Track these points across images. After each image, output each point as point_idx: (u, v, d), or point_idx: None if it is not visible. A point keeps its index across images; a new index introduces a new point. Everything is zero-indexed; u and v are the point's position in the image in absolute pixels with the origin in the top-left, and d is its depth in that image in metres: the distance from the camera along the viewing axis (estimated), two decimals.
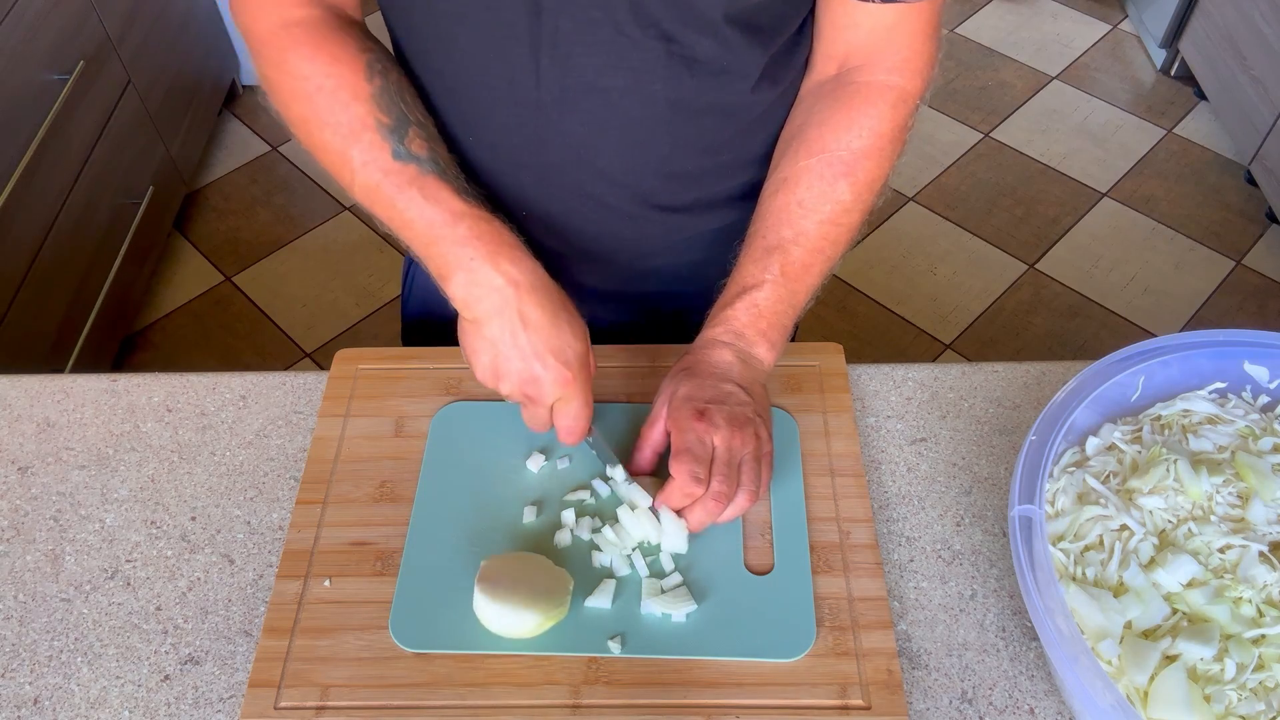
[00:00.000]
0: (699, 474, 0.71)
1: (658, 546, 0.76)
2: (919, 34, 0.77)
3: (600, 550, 0.76)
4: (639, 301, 0.97)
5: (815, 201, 0.78)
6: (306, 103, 0.75)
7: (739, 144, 0.85)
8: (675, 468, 0.72)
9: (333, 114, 0.74)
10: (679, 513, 0.74)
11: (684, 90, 0.77)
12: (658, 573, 0.75)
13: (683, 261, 0.93)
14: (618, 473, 0.78)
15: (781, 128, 0.87)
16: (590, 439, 0.80)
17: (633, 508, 0.76)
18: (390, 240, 2.31)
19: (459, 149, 0.87)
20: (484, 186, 0.89)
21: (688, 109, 0.79)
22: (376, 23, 0.83)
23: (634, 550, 0.76)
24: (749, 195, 0.89)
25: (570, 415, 0.75)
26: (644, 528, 0.75)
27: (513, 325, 0.73)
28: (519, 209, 0.88)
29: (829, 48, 0.80)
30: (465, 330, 0.76)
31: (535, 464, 0.81)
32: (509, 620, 0.69)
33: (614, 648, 0.71)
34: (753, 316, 0.78)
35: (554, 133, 0.80)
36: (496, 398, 0.86)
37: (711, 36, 0.74)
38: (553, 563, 0.73)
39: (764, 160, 0.88)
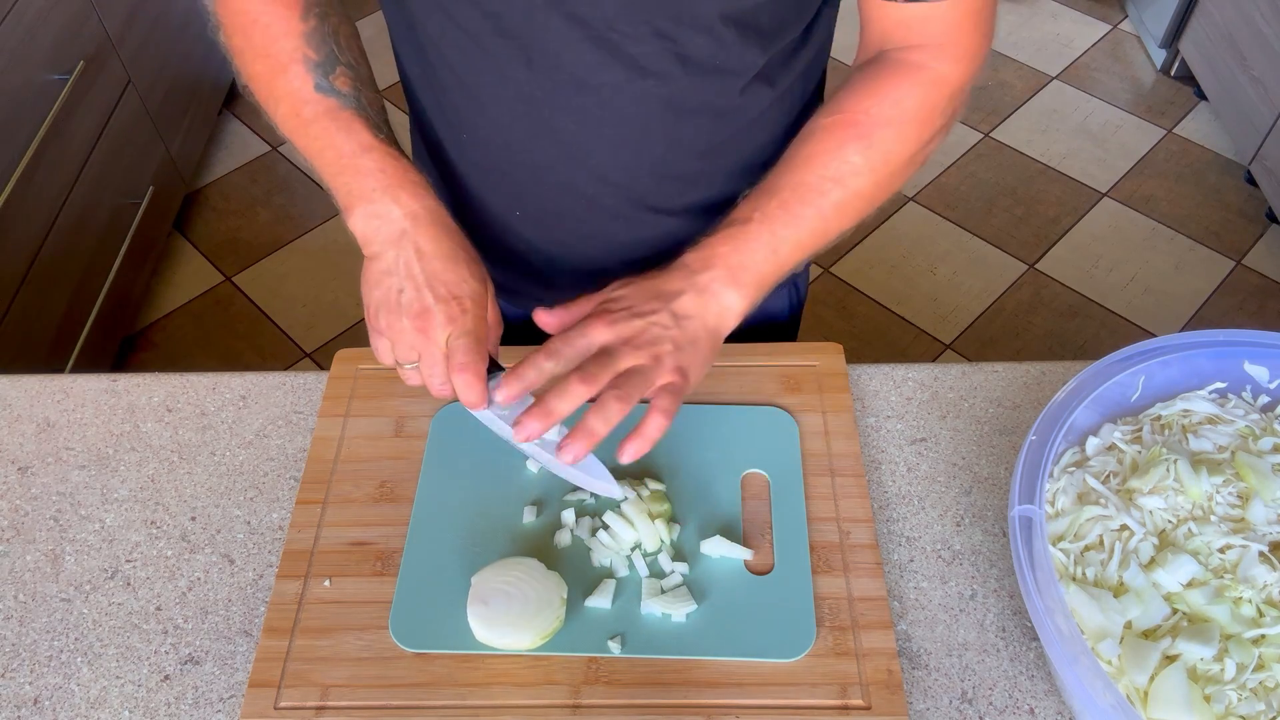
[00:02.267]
0: (557, 352, 0.67)
1: (658, 550, 0.76)
2: (960, 24, 0.75)
3: (595, 548, 0.76)
4: None
5: (822, 157, 0.74)
6: (243, 35, 0.77)
7: (736, 147, 0.84)
8: (545, 343, 0.68)
9: (265, 47, 0.75)
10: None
11: (678, 88, 0.77)
12: (657, 573, 0.75)
13: None
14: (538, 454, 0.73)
15: (784, 133, 0.87)
16: (494, 405, 0.72)
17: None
18: None
19: (453, 146, 0.87)
20: (478, 184, 0.89)
21: (682, 108, 0.78)
22: (379, 23, 0.83)
23: (632, 551, 0.76)
24: None
25: (460, 352, 0.69)
26: (633, 531, 0.75)
27: (408, 256, 0.71)
28: (512, 208, 0.88)
29: (870, 34, 0.78)
30: (364, 270, 0.73)
31: (535, 464, 0.81)
32: (506, 640, 0.69)
33: (614, 648, 0.71)
34: (729, 249, 0.72)
35: (545, 130, 0.79)
36: None
37: (706, 34, 0.73)
38: (545, 566, 0.72)
39: (764, 164, 0.88)
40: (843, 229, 0.76)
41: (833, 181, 0.74)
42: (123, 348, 2.18)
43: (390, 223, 0.72)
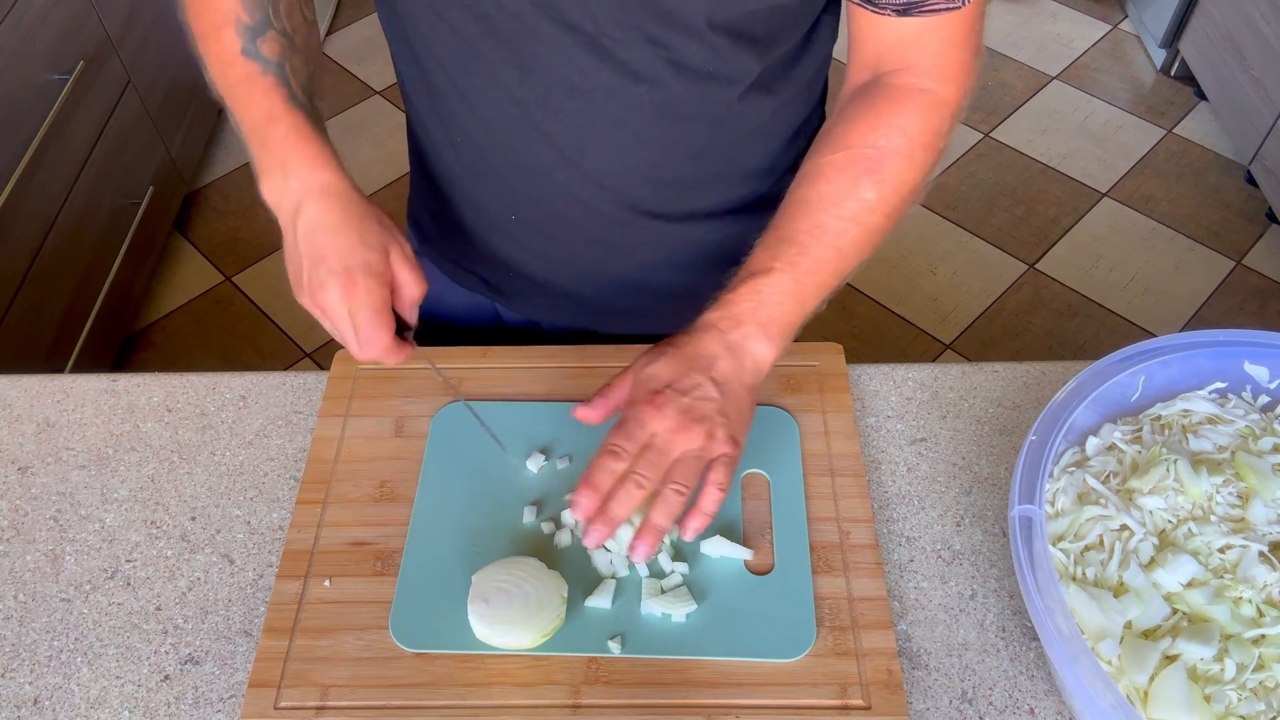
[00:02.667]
0: (622, 450, 0.67)
1: (657, 550, 0.76)
2: (951, 43, 0.74)
3: (599, 551, 0.76)
4: (634, 317, 0.95)
5: (836, 196, 0.74)
6: None
7: (734, 154, 0.84)
8: (606, 440, 0.68)
9: (206, 4, 0.76)
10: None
11: (670, 94, 0.76)
12: (657, 573, 0.75)
13: (677, 280, 0.91)
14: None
15: (785, 142, 0.86)
16: (429, 366, 0.77)
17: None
18: None
19: (448, 148, 0.87)
20: (474, 187, 0.88)
21: (675, 113, 0.78)
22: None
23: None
24: (747, 209, 0.88)
25: (361, 327, 0.71)
26: (631, 532, 0.75)
27: (300, 231, 0.72)
28: (508, 211, 0.88)
29: (861, 56, 0.78)
30: (283, 240, 0.75)
31: (535, 464, 0.81)
32: (506, 639, 0.69)
33: (614, 648, 0.71)
34: (754, 304, 0.72)
35: (539, 134, 0.79)
36: (501, 396, 0.86)
37: (697, 40, 0.73)
38: (545, 565, 0.73)
39: (764, 174, 0.87)
40: (860, 263, 0.76)
41: (849, 221, 0.73)
42: (123, 348, 2.18)
43: (287, 197, 0.73)
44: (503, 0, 0.71)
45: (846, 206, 0.73)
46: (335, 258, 0.71)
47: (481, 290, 0.98)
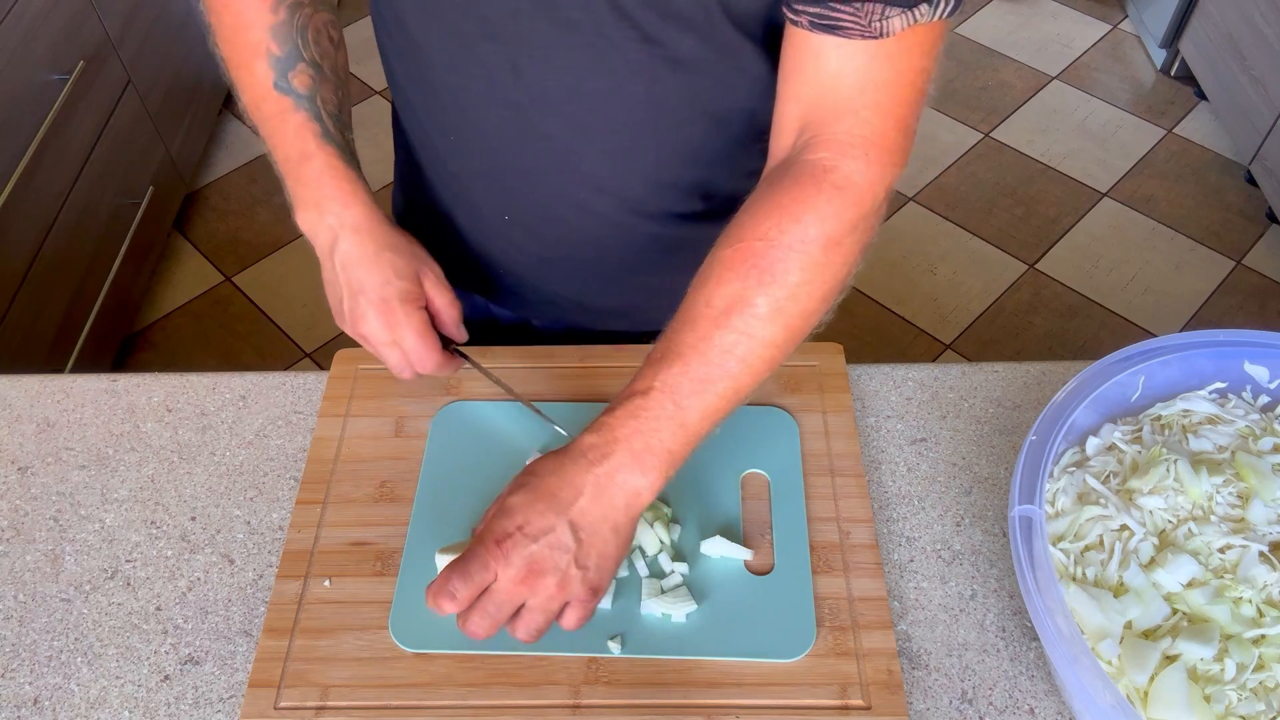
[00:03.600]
0: (456, 592, 0.64)
1: (657, 551, 0.76)
2: (880, 105, 0.66)
3: None
4: (626, 315, 0.95)
5: (724, 304, 0.65)
6: (217, 15, 0.78)
7: (735, 156, 0.83)
8: (446, 570, 0.64)
9: (234, 33, 0.77)
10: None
11: (667, 94, 0.76)
12: (657, 573, 0.75)
13: (672, 283, 0.88)
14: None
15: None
16: (467, 365, 0.83)
17: None
18: None
19: (442, 148, 0.86)
20: (468, 188, 0.88)
21: (673, 115, 0.77)
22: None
23: (631, 552, 0.76)
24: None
25: (409, 350, 0.77)
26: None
27: (341, 264, 0.76)
28: (502, 212, 0.87)
29: (786, 115, 0.70)
30: (322, 270, 0.79)
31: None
32: None
33: (614, 648, 0.71)
34: (629, 430, 0.65)
35: (535, 135, 0.79)
36: (499, 397, 0.86)
37: (695, 35, 0.72)
38: None
39: (757, 173, 0.85)
40: (756, 384, 0.68)
41: (738, 334, 0.65)
42: (123, 348, 2.18)
43: (323, 231, 0.76)
44: (500, 1, 0.71)
45: (733, 317, 0.65)
46: (372, 289, 0.75)
47: (472, 289, 0.98)
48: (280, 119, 0.77)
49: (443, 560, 0.72)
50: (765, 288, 0.65)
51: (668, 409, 0.65)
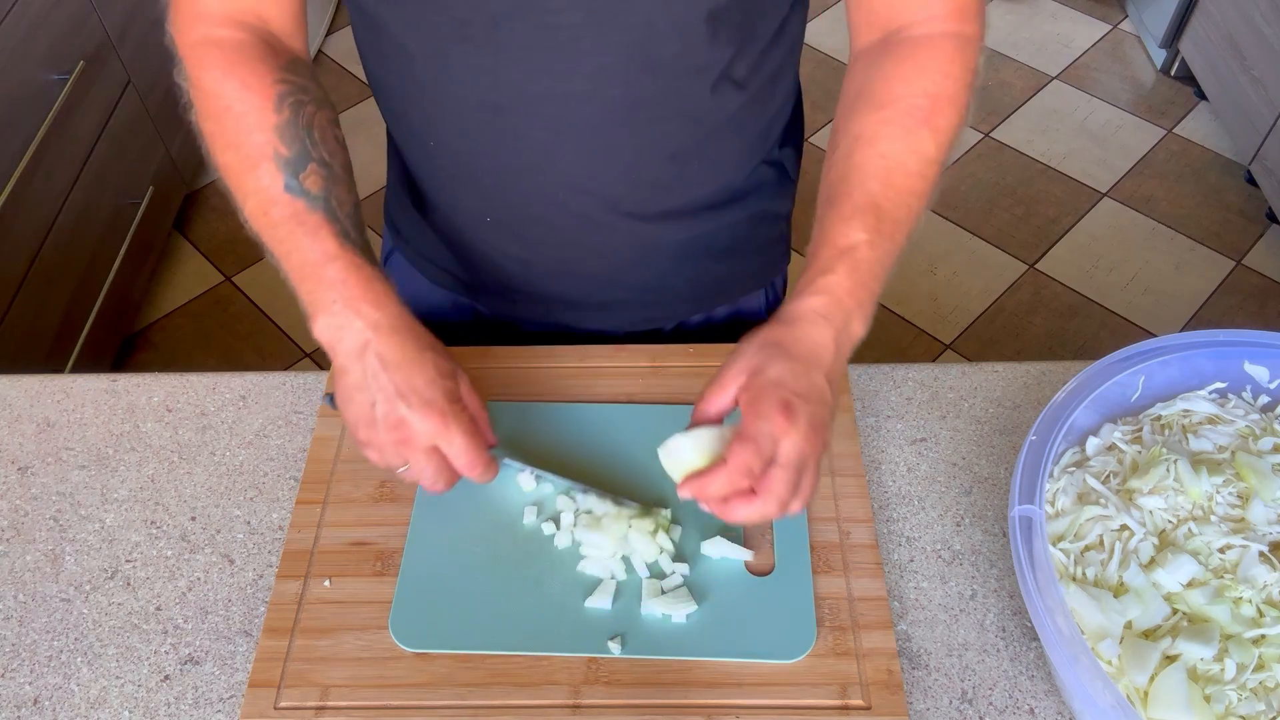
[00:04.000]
0: (753, 469, 0.64)
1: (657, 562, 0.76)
2: None
3: (590, 559, 0.76)
4: (607, 310, 0.96)
5: (900, 154, 0.72)
6: (215, 121, 0.75)
7: (707, 150, 0.83)
8: (735, 455, 0.64)
9: (237, 137, 0.74)
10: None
11: (645, 93, 0.76)
12: (658, 574, 0.75)
13: (651, 275, 0.91)
14: (589, 500, 0.78)
15: (756, 135, 0.86)
16: (512, 464, 0.78)
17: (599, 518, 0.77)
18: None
19: (421, 151, 0.86)
20: (447, 190, 0.88)
21: (650, 113, 0.78)
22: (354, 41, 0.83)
23: (616, 556, 0.75)
24: (720, 204, 0.88)
25: (456, 456, 0.70)
26: (608, 543, 0.76)
27: (373, 368, 0.70)
28: (483, 214, 0.87)
29: (867, 17, 0.77)
30: (336, 382, 0.72)
31: (528, 482, 0.80)
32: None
33: (614, 648, 0.71)
34: (853, 284, 0.70)
35: (513, 137, 0.79)
36: (502, 397, 0.86)
37: (678, 36, 0.72)
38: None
39: (738, 168, 0.87)
40: (924, 217, 0.75)
41: (917, 177, 0.73)
42: (123, 348, 2.18)
43: (352, 334, 0.71)
44: (480, 3, 0.71)
45: (912, 163, 0.72)
46: (422, 389, 0.70)
47: (457, 289, 0.98)
48: (296, 221, 0.73)
49: (672, 456, 0.69)
50: (930, 134, 0.73)
51: (876, 256, 0.71)
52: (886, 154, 0.72)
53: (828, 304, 0.69)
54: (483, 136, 0.80)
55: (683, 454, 0.69)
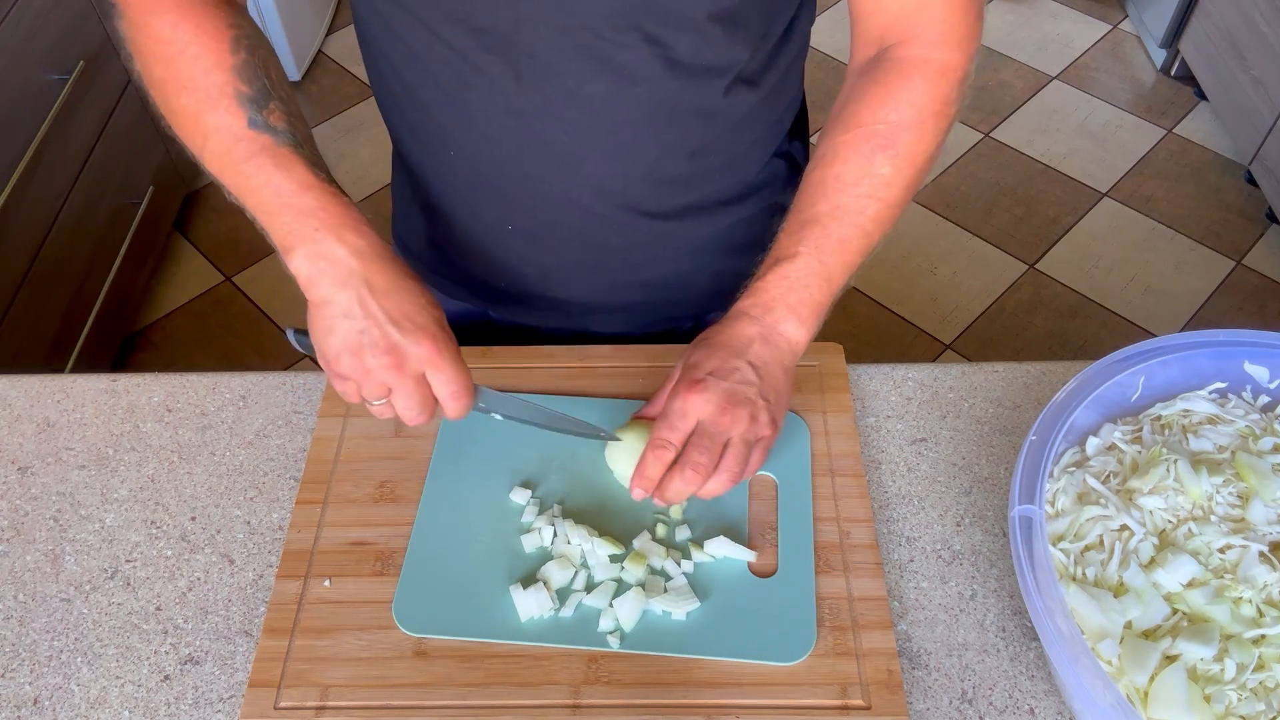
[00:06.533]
0: (669, 441, 0.71)
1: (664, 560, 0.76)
2: (951, 7, 0.75)
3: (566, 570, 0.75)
4: (627, 312, 0.96)
5: (853, 175, 0.75)
6: (167, 65, 0.72)
7: (724, 147, 0.84)
8: (654, 432, 0.71)
9: (193, 79, 0.71)
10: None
11: (667, 92, 0.76)
12: (659, 572, 0.75)
13: (670, 271, 0.92)
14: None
15: (768, 131, 0.87)
16: (482, 406, 0.75)
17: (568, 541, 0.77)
18: None
19: (439, 163, 0.86)
20: (467, 200, 0.88)
21: (671, 112, 0.78)
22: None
23: (581, 567, 0.75)
24: (737, 199, 0.89)
25: (446, 383, 0.69)
26: (578, 548, 0.76)
27: (360, 294, 0.68)
28: (504, 222, 0.87)
29: (864, 31, 0.78)
30: (312, 316, 0.70)
31: (521, 496, 0.80)
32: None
33: (613, 642, 0.71)
34: (783, 289, 0.75)
35: (537, 142, 0.79)
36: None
37: (693, 34, 0.73)
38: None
39: (751, 162, 0.87)
40: (882, 238, 0.78)
41: (868, 198, 0.75)
42: (123, 348, 2.18)
43: (336, 262, 0.69)
44: (500, 10, 0.71)
45: (864, 184, 0.75)
46: (406, 318, 0.69)
47: (473, 301, 0.98)
48: (265, 154, 0.70)
49: (618, 448, 0.75)
50: (889, 159, 0.75)
51: (814, 267, 0.75)
52: (841, 175, 0.76)
53: (753, 304, 0.75)
54: (505, 144, 0.80)
55: (619, 456, 0.76)
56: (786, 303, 0.75)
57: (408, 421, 0.71)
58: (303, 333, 0.73)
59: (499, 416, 0.77)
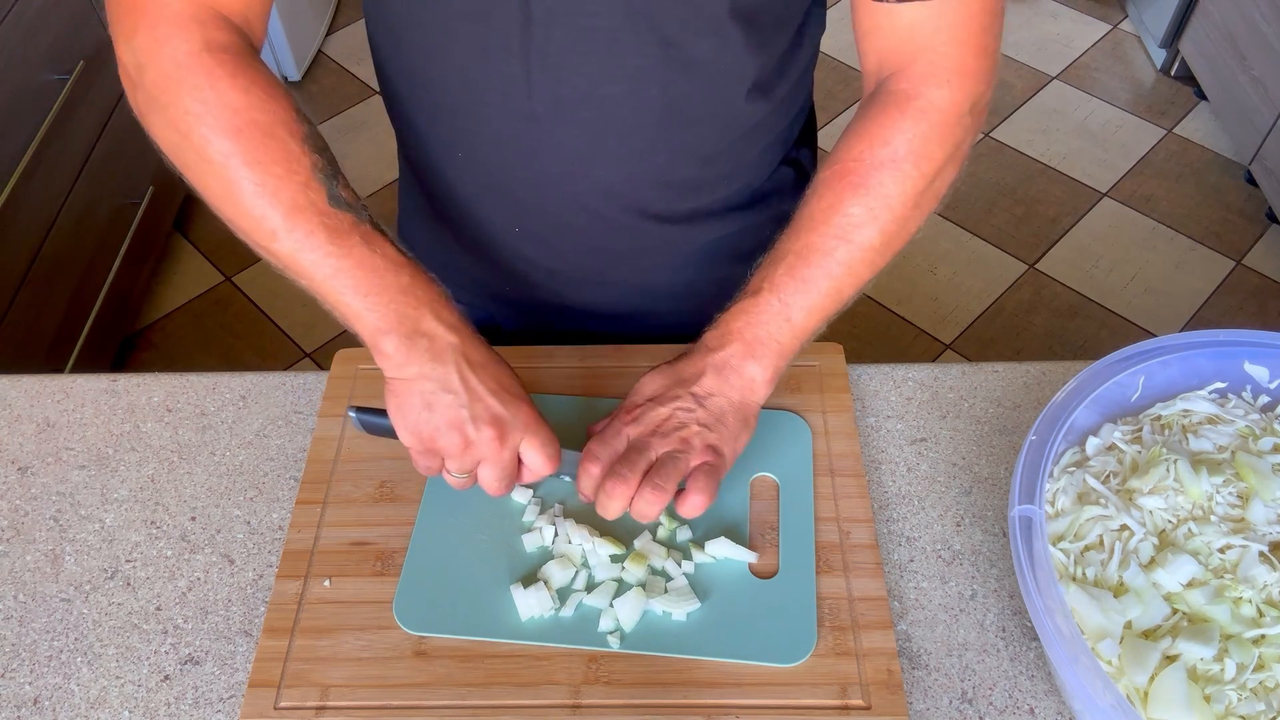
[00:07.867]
0: (598, 457, 0.70)
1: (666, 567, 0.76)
2: (954, 42, 0.72)
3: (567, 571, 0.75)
4: (633, 319, 0.96)
5: (823, 214, 0.73)
6: (235, 137, 0.68)
7: (736, 152, 0.84)
8: (586, 449, 0.72)
9: (267, 151, 0.67)
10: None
11: (680, 95, 0.76)
12: (660, 572, 0.75)
13: (678, 279, 0.92)
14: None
15: (778, 138, 0.87)
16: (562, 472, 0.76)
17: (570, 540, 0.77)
18: None
19: (448, 165, 0.86)
20: (475, 203, 0.88)
21: (684, 115, 0.78)
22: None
23: (582, 567, 0.76)
24: (745, 205, 0.88)
25: (542, 446, 0.71)
26: (578, 549, 0.76)
27: (461, 369, 0.68)
28: (511, 224, 0.87)
29: (865, 56, 0.76)
30: (402, 393, 0.69)
31: (523, 496, 0.80)
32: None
33: (613, 642, 0.71)
34: (742, 324, 0.73)
35: (549, 145, 0.79)
36: None
37: (711, 35, 0.73)
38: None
39: (761, 169, 0.87)
40: (858, 286, 0.76)
41: (836, 239, 0.73)
42: (123, 348, 2.18)
43: (436, 339, 0.68)
44: (518, 10, 0.71)
45: (833, 224, 0.73)
46: (507, 386, 0.70)
47: (478, 304, 0.98)
48: (357, 233, 0.68)
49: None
50: (860, 199, 0.72)
51: (774, 305, 0.73)
52: (813, 213, 0.74)
53: (712, 335, 0.75)
54: (516, 146, 0.80)
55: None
56: (743, 338, 0.73)
57: (491, 493, 0.72)
58: (366, 411, 0.74)
59: (567, 479, 0.78)
